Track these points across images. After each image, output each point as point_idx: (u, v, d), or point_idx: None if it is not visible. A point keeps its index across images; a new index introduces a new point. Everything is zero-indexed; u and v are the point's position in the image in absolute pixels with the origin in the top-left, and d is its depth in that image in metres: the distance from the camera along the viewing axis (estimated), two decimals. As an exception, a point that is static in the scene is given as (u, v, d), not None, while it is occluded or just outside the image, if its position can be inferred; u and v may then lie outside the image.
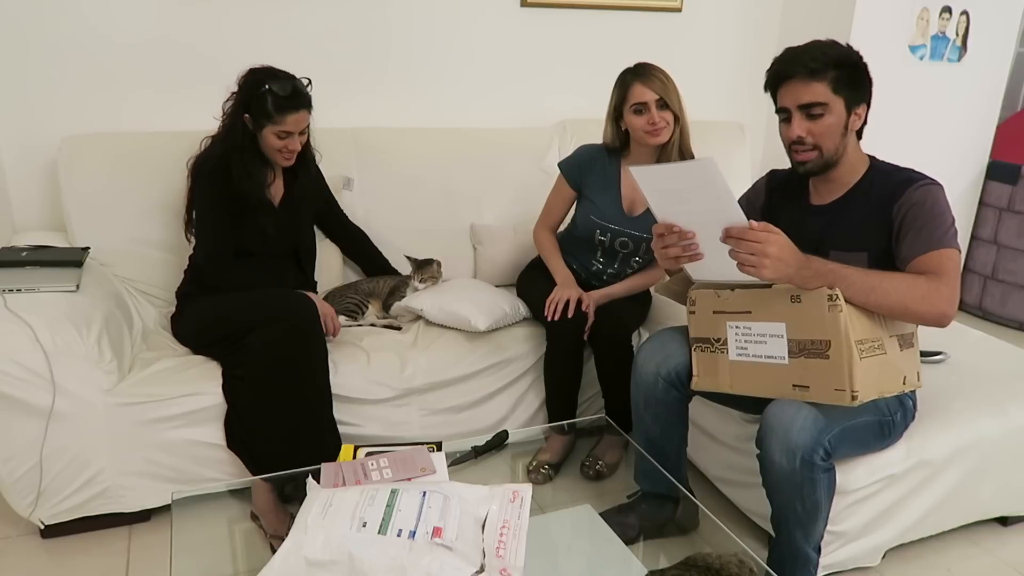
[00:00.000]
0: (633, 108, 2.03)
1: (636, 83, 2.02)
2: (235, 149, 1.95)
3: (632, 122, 2.05)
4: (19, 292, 1.82)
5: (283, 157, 2.00)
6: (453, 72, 2.73)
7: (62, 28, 2.26)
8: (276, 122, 1.91)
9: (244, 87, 1.93)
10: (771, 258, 1.37)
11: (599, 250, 2.21)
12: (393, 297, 2.30)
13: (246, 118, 1.93)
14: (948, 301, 1.45)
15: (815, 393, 1.46)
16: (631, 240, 2.15)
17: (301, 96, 1.94)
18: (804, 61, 1.50)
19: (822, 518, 1.56)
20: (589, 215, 2.18)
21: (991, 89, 3.32)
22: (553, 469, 2.13)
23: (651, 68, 2.04)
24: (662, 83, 2.02)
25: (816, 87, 1.50)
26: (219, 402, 1.86)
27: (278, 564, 1.18)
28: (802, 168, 1.59)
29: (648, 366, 1.74)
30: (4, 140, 2.30)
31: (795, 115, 1.53)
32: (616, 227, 2.14)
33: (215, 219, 1.98)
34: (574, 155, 2.23)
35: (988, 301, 3.47)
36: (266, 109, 1.90)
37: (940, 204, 1.51)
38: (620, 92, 2.07)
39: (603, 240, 2.17)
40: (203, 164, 1.97)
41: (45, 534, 1.87)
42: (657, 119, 2.01)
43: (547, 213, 2.30)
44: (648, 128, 2.02)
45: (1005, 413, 1.84)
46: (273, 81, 1.89)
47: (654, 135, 2.03)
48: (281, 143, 1.95)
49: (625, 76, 2.07)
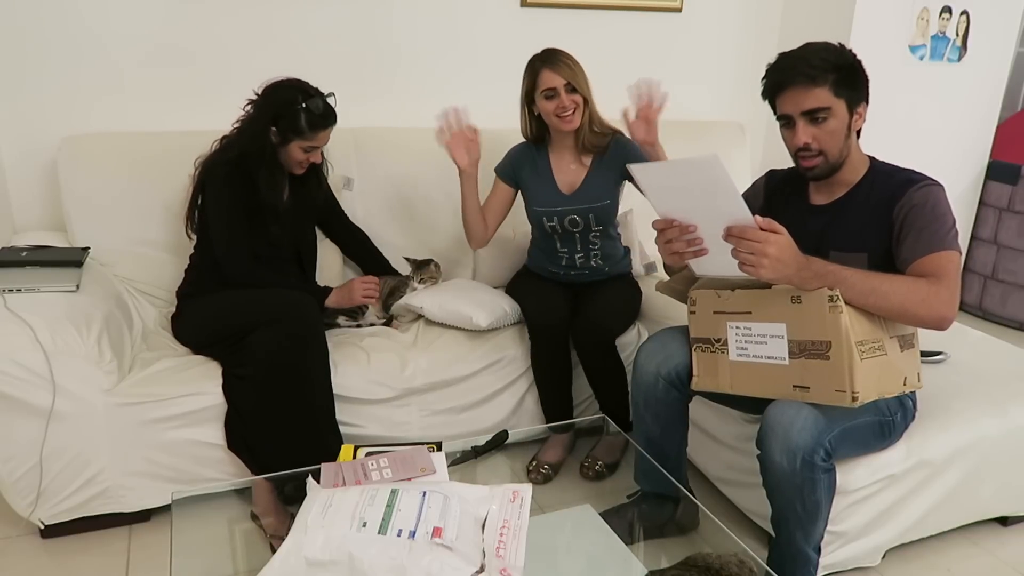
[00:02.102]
0: (544, 94, 2.07)
1: (544, 69, 2.06)
2: (256, 158, 1.95)
3: (543, 107, 2.10)
4: (19, 292, 1.82)
5: (301, 167, 2.03)
6: (453, 72, 2.73)
7: (62, 28, 2.26)
8: (307, 138, 1.95)
9: (276, 101, 1.93)
10: (770, 258, 1.37)
11: (556, 239, 2.24)
12: (393, 297, 2.30)
13: (272, 131, 1.94)
14: (948, 304, 1.45)
15: (815, 394, 1.46)
16: (578, 215, 2.17)
17: (332, 114, 1.98)
18: (802, 68, 1.49)
19: (822, 518, 1.56)
20: (533, 207, 2.22)
21: (991, 89, 3.32)
22: (553, 469, 2.14)
23: (559, 53, 2.09)
24: (569, 68, 2.06)
25: (818, 92, 1.49)
26: (219, 402, 1.86)
27: (278, 564, 1.18)
28: (810, 174, 1.59)
29: (648, 366, 1.74)
30: (4, 140, 2.30)
31: (799, 122, 1.52)
32: (559, 208, 2.18)
33: (232, 219, 1.98)
34: (505, 156, 2.29)
35: (988, 301, 3.48)
36: (299, 126, 1.92)
37: (941, 205, 1.50)
38: (530, 79, 2.11)
39: (553, 225, 2.20)
40: (217, 167, 1.97)
41: (45, 534, 1.87)
42: (567, 103, 2.06)
43: (485, 210, 2.32)
44: (559, 112, 2.07)
45: (1005, 413, 1.84)
46: (307, 99, 1.92)
47: (566, 121, 2.08)
48: (304, 156, 1.99)
49: (534, 63, 2.10)
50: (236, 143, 1.98)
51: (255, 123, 1.95)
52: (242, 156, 1.95)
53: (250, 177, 1.95)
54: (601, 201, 2.15)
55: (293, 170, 2.03)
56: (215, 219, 1.99)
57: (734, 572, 1.08)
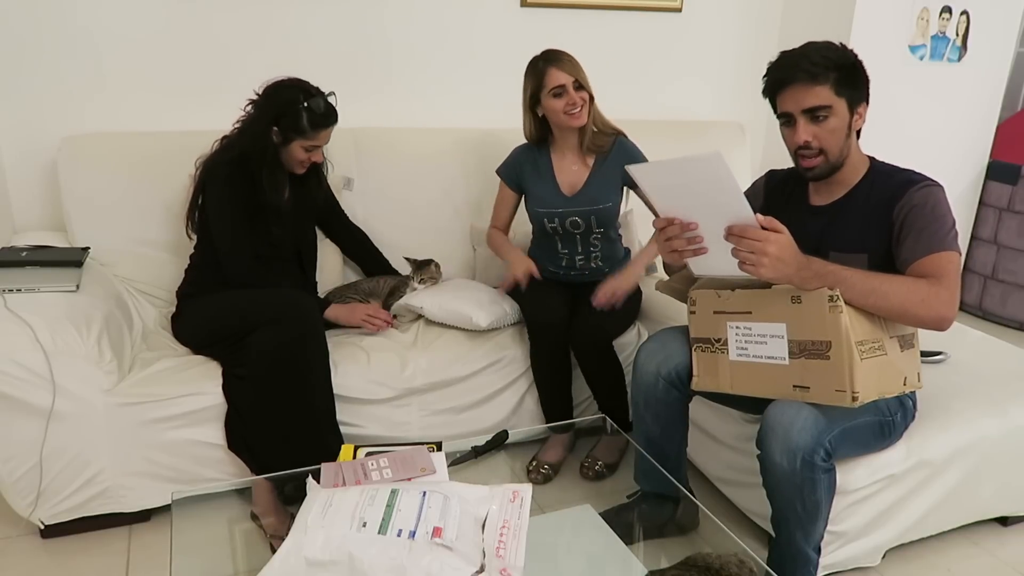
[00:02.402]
0: (552, 92, 2.08)
1: (551, 68, 2.07)
2: (258, 158, 1.95)
3: (552, 106, 2.10)
4: (19, 292, 1.82)
5: (302, 167, 2.03)
6: (453, 72, 2.73)
7: (62, 28, 2.26)
8: (309, 137, 1.95)
9: (277, 102, 1.94)
10: (770, 257, 1.37)
11: (557, 240, 2.25)
12: (393, 297, 2.30)
13: (274, 131, 1.94)
14: (948, 305, 1.45)
15: (815, 394, 1.46)
16: (579, 217, 2.17)
17: (334, 113, 1.98)
18: (804, 66, 1.49)
19: (822, 518, 1.56)
20: (535, 208, 2.23)
21: (991, 89, 3.32)
22: (553, 469, 2.14)
23: (561, 53, 2.10)
24: (573, 65, 2.09)
25: (819, 91, 1.49)
26: (219, 402, 1.86)
27: (278, 564, 1.18)
28: (809, 174, 1.58)
29: (649, 366, 1.74)
30: (4, 140, 2.30)
31: (799, 120, 1.52)
32: (561, 209, 2.18)
33: (234, 219, 1.98)
34: (507, 158, 2.30)
35: (988, 301, 3.47)
36: (300, 125, 1.92)
37: (941, 206, 1.50)
38: (535, 79, 2.11)
39: (554, 227, 2.20)
40: (218, 167, 1.97)
41: (45, 534, 1.87)
42: (577, 99, 2.07)
43: (495, 216, 2.37)
44: (568, 109, 2.07)
45: (1005, 413, 1.84)
46: (309, 98, 1.93)
47: (574, 117, 2.09)
48: (306, 155, 1.99)
49: (536, 63, 2.11)
50: (237, 143, 1.98)
51: (256, 123, 1.95)
52: (243, 156, 1.95)
53: (251, 177, 1.95)
54: (603, 203, 2.15)
55: (295, 169, 2.03)
56: (217, 220, 1.99)
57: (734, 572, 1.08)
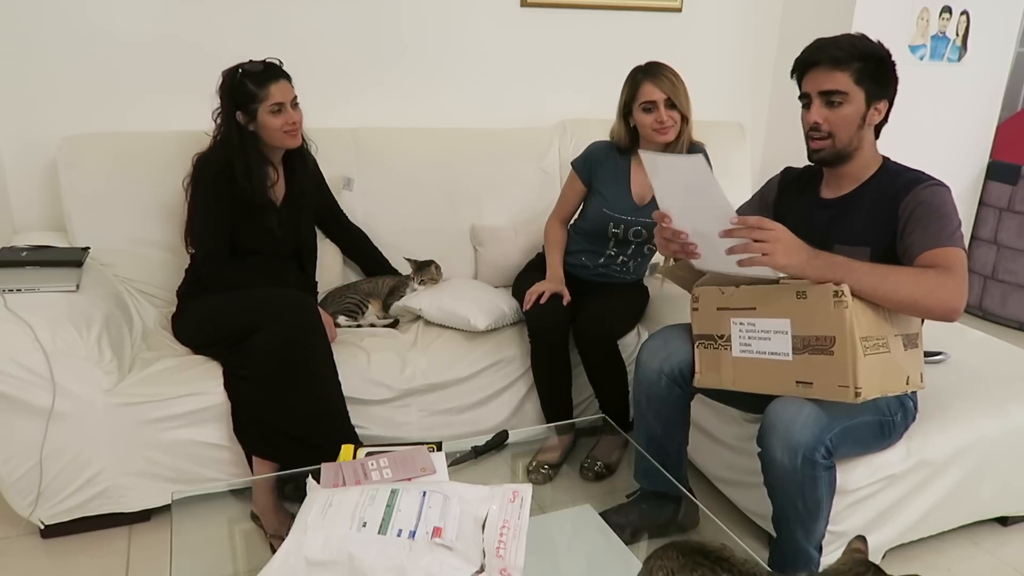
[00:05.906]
0: (642, 106, 2.06)
1: (646, 82, 2.05)
2: (238, 151, 1.95)
3: (641, 120, 2.09)
4: (19, 292, 1.81)
5: (289, 136, 2.00)
6: (453, 72, 2.73)
7: (62, 28, 2.26)
8: (263, 98, 1.93)
9: (224, 88, 1.96)
10: (783, 243, 1.39)
11: (611, 240, 2.24)
12: (393, 297, 2.30)
13: (239, 116, 1.94)
14: (957, 295, 1.44)
15: (818, 389, 1.46)
16: (644, 228, 2.18)
17: (273, 67, 1.97)
18: (831, 50, 1.53)
19: (823, 517, 1.56)
20: (601, 208, 2.21)
21: (991, 89, 3.31)
22: (553, 469, 2.13)
23: (662, 67, 2.07)
24: (671, 83, 2.05)
25: (838, 76, 1.53)
26: (219, 402, 1.86)
27: (278, 564, 1.18)
28: (815, 156, 1.61)
29: (651, 363, 1.74)
30: (4, 140, 2.30)
31: (815, 101, 1.56)
32: (629, 217, 2.18)
33: (212, 220, 1.98)
34: (585, 151, 2.28)
35: (988, 301, 3.47)
36: (248, 91, 1.92)
37: (947, 205, 1.52)
38: (630, 90, 2.09)
39: (616, 232, 2.20)
40: (204, 168, 1.98)
41: (45, 534, 1.87)
42: (665, 118, 2.05)
43: (560, 206, 2.33)
44: (656, 127, 2.06)
45: (1005, 413, 1.84)
46: (243, 65, 1.94)
47: (661, 133, 2.07)
48: (281, 119, 1.97)
49: (636, 74, 2.09)
50: (219, 146, 1.99)
51: (224, 117, 1.98)
52: (228, 155, 1.96)
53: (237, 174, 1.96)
54: None
55: (285, 143, 2.01)
56: (191, 219, 2.01)
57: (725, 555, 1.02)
